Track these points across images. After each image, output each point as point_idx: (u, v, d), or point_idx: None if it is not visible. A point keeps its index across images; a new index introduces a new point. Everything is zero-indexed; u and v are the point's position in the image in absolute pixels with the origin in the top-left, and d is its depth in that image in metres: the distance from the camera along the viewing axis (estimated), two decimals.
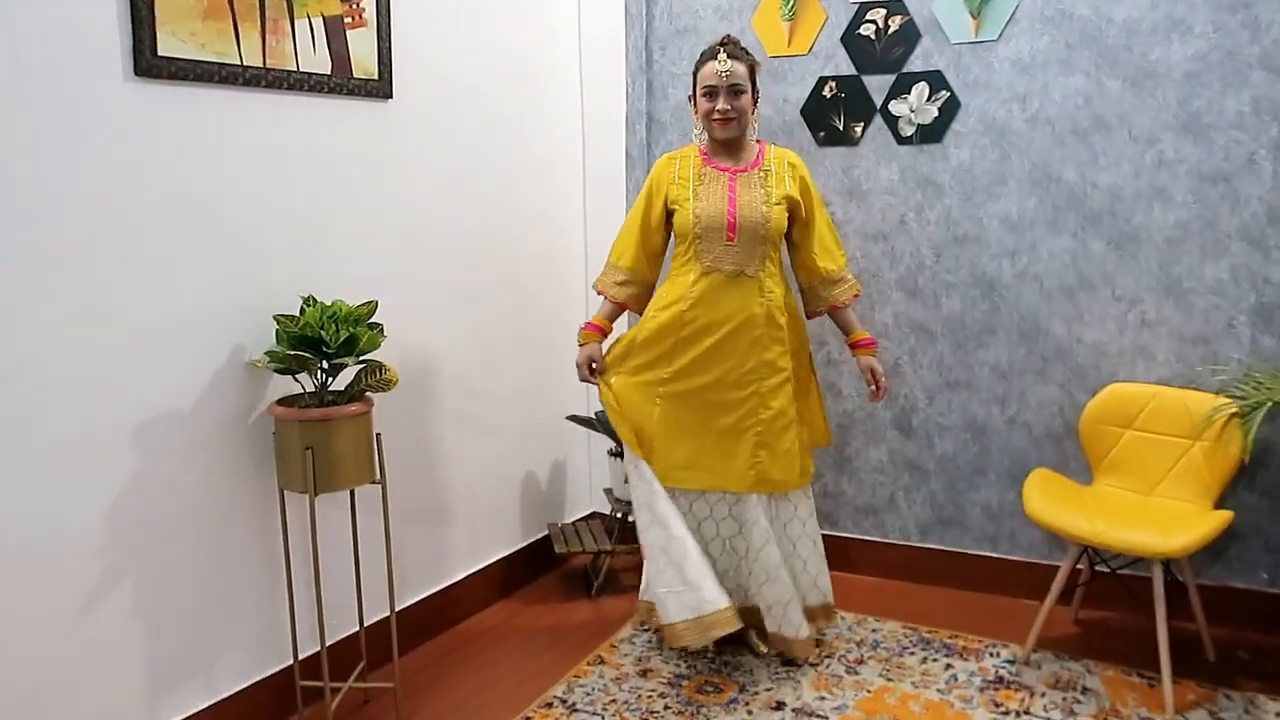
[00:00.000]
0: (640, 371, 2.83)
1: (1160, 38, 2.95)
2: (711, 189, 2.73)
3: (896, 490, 3.48)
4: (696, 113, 2.76)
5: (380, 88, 2.76)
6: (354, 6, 2.66)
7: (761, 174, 2.74)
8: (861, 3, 3.27)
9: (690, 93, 2.79)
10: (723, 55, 2.66)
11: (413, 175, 2.91)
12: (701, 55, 2.74)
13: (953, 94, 3.19)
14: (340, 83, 2.64)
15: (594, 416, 3.45)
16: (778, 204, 2.71)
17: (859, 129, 3.33)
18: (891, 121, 3.28)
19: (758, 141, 2.82)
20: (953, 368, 3.34)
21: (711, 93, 2.68)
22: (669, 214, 2.82)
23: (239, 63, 2.37)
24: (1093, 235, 3.11)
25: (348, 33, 2.65)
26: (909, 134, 3.27)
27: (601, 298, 2.95)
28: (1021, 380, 3.26)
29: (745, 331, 2.71)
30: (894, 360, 3.40)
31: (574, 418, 3.49)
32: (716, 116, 2.69)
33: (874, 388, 2.90)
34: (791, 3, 3.34)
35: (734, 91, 2.66)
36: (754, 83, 2.73)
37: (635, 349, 2.83)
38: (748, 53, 2.74)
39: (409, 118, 2.87)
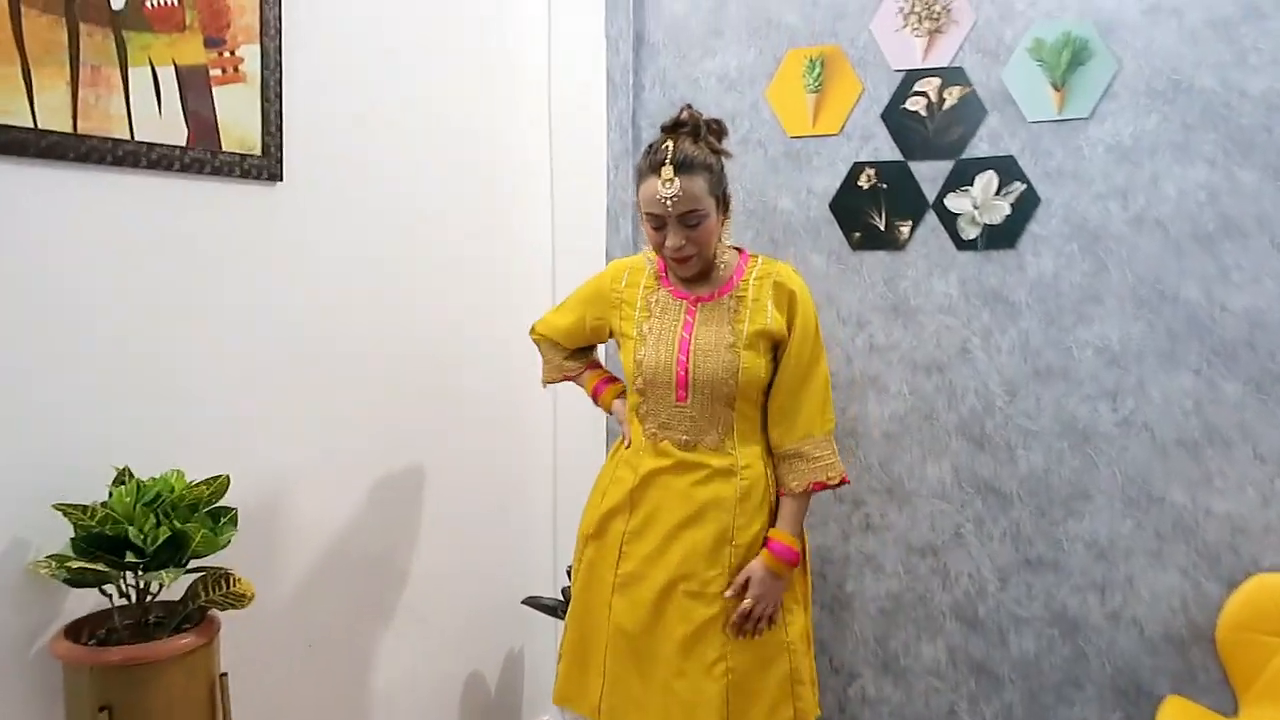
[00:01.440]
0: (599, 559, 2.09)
1: None
2: (662, 324, 1.96)
3: (958, 700, 2.62)
4: (645, 228, 1.99)
5: (263, 166, 2.00)
6: (225, 55, 1.92)
7: (733, 301, 1.96)
8: (908, 70, 2.55)
9: (636, 204, 2.02)
10: (666, 171, 1.84)
11: (308, 288, 2.13)
12: (644, 158, 1.93)
13: (1030, 186, 2.46)
14: (201, 158, 1.87)
15: (560, 597, 2.62)
16: (749, 345, 1.92)
17: (906, 229, 2.58)
18: (949, 220, 2.54)
19: (737, 250, 2.06)
20: (1034, 541, 2.52)
21: (658, 223, 1.90)
22: (610, 333, 2.13)
23: (31, 125, 1.61)
24: (1224, 374, 2.33)
25: (215, 90, 1.90)
26: (972, 236, 2.52)
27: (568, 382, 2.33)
28: (1129, 563, 2.44)
29: (708, 522, 1.94)
30: (954, 529, 2.59)
31: (533, 601, 2.65)
32: (669, 257, 1.94)
33: (738, 605, 1.93)
34: (817, 70, 2.63)
35: (686, 222, 1.87)
36: (720, 190, 1.94)
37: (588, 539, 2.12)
38: (707, 148, 1.93)
39: (305, 209, 2.11)
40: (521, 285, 2.83)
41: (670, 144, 1.89)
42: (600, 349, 2.35)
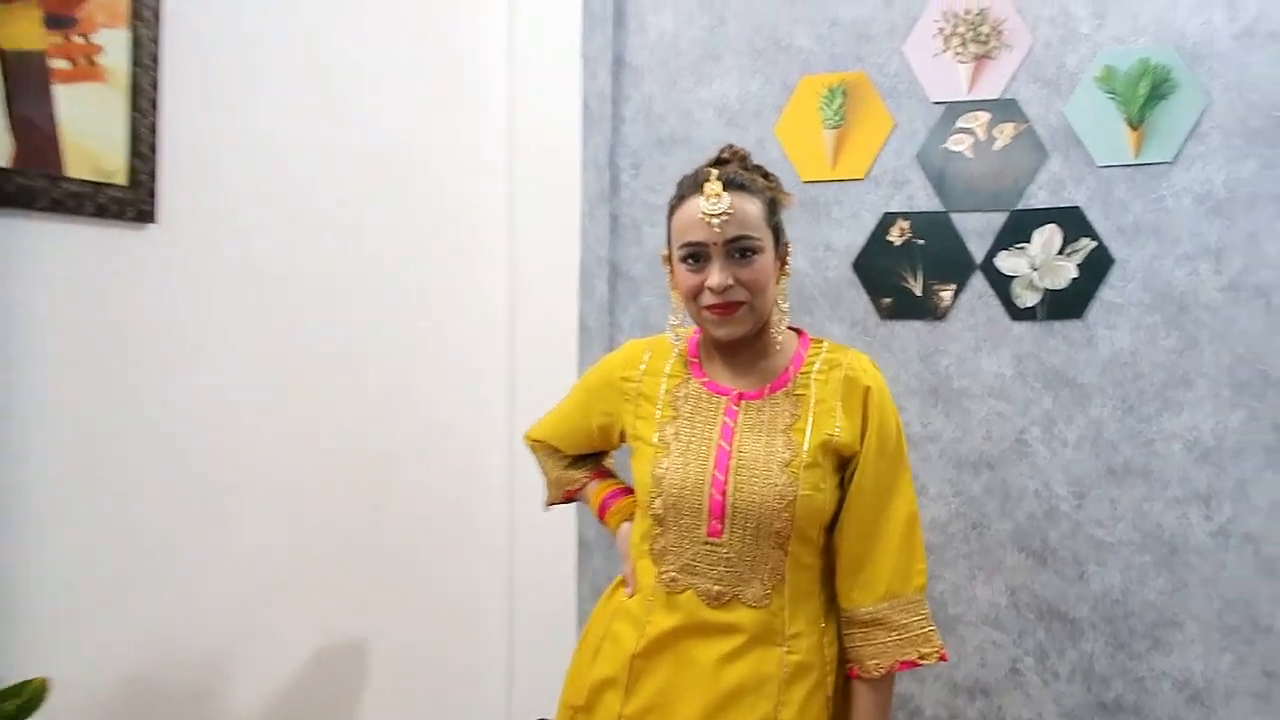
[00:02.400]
0: None
1: None
2: (692, 428, 1.43)
3: None
4: (675, 287, 1.44)
5: (129, 202, 1.45)
6: (76, 40, 1.38)
7: (790, 401, 1.43)
8: (950, 103, 2.12)
9: (665, 250, 1.48)
10: (713, 184, 1.35)
11: (190, 379, 1.57)
12: (679, 187, 1.44)
13: (1101, 244, 2.03)
14: (31, 186, 1.32)
15: None
16: (811, 464, 1.39)
17: (948, 295, 2.12)
18: (1001, 284, 2.09)
19: (796, 333, 1.51)
20: (1110, 680, 2.05)
21: (697, 255, 1.37)
22: (622, 437, 1.56)
23: None
24: None
25: (57, 89, 1.36)
26: (1030, 304, 2.07)
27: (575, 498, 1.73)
28: (1229, 707, 1.98)
29: (741, 716, 1.39)
30: (1010, 663, 2.10)
31: None
32: (710, 303, 1.38)
33: None
34: (838, 101, 2.18)
35: (740, 251, 1.36)
36: (776, 227, 1.42)
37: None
38: (763, 173, 1.45)
39: (188, 265, 1.56)
40: (471, 362, 2.29)
41: (714, 168, 1.41)
42: (615, 456, 1.76)
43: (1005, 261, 2.08)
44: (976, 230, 2.11)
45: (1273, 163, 1.94)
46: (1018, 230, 2.07)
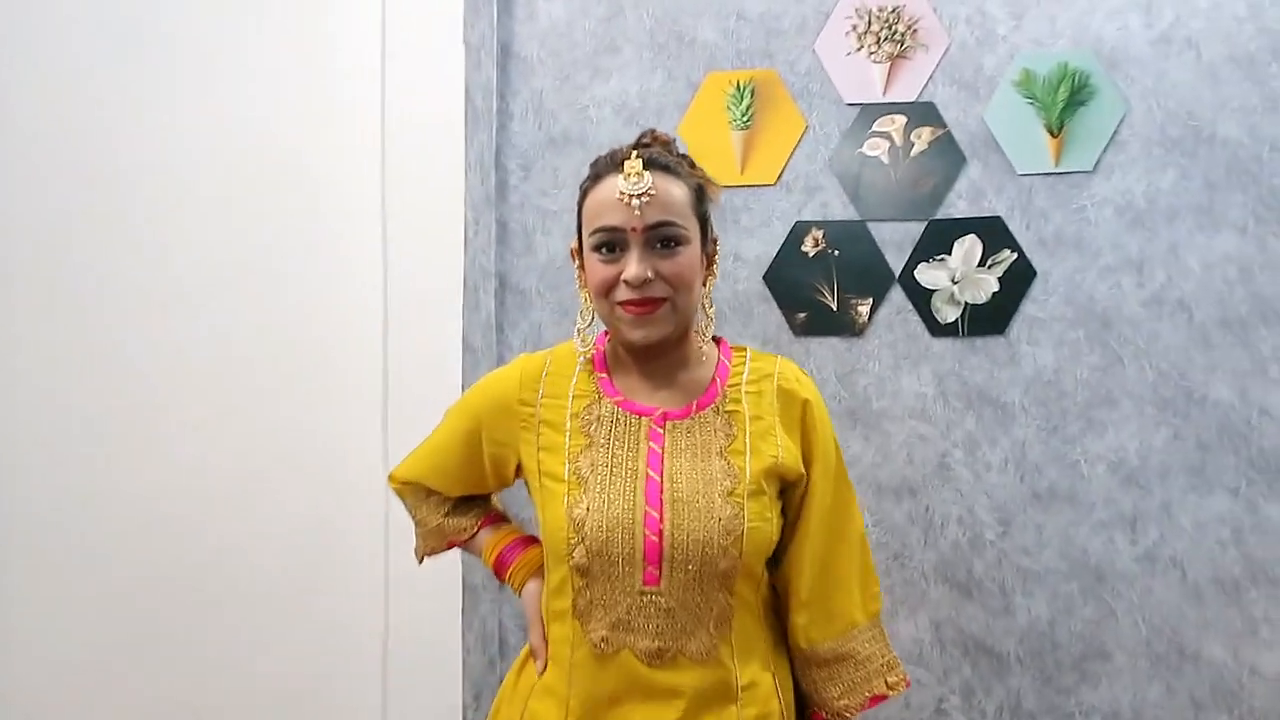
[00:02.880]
0: None
1: None
2: (611, 458, 1.22)
3: None
4: (583, 285, 1.27)
5: None
6: None
7: (721, 419, 1.24)
8: (865, 105, 1.99)
9: (573, 242, 1.30)
10: (634, 162, 1.19)
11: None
12: (593, 167, 1.27)
13: (1022, 255, 1.93)
14: None
15: None
16: (755, 490, 1.21)
17: (865, 309, 1.98)
18: (921, 298, 1.96)
19: (715, 342, 1.33)
20: (1038, 718, 1.94)
21: (612, 243, 1.19)
22: (518, 472, 1.32)
23: None
24: (1267, 493, 1.86)
25: None
26: (951, 319, 1.95)
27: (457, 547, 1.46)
28: None
29: None
30: (935, 703, 1.97)
31: None
32: (626, 299, 1.19)
33: None
34: (746, 100, 2.02)
35: (662, 240, 1.18)
36: (704, 219, 1.25)
37: None
38: (688, 162, 1.28)
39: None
40: (339, 392, 2.01)
41: (640, 145, 1.25)
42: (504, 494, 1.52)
43: (925, 274, 1.96)
44: (894, 241, 1.98)
45: (1190, 173, 1.88)
46: (937, 241, 1.95)
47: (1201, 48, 1.87)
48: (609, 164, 1.23)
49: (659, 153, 1.23)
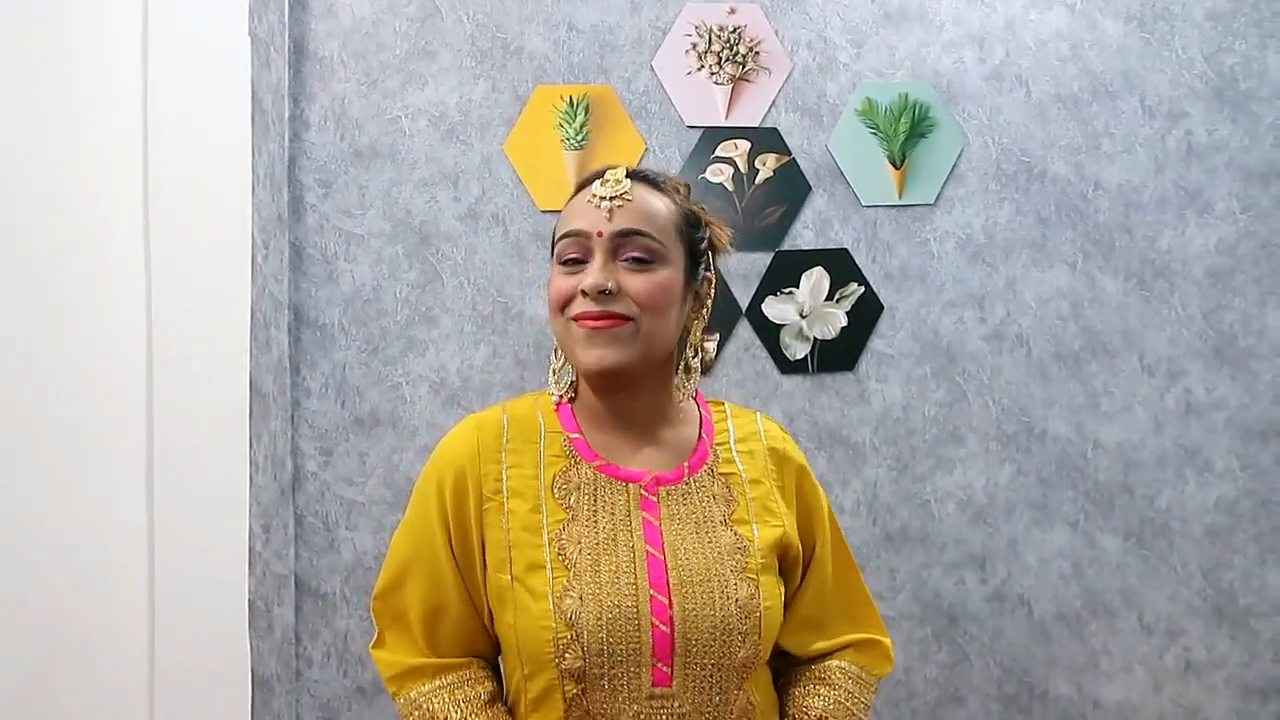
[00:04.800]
0: None
1: (1171, 217, 1.90)
2: (599, 533, 1.00)
3: None
4: (551, 311, 1.06)
5: None
6: None
7: (720, 483, 1.06)
8: (707, 128, 1.86)
9: (550, 270, 1.07)
10: (616, 170, 1.03)
11: None
12: (577, 185, 1.09)
13: (869, 289, 1.86)
14: None
15: None
16: (765, 565, 1.02)
17: (712, 346, 1.83)
18: (769, 333, 1.84)
19: (683, 395, 1.10)
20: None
21: (577, 253, 1.01)
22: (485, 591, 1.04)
23: None
24: (1102, 525, 1.88)
25: None
26: (800, 355, 1.85)
27: None
28: None
29: None
30: None
31: None
32: (581, 313, 0.99)
33: None
34: (580, 118, 1.84)
35: (634, 253, 1.00)
36: (694, 249, 1.07)
37: None
38: (684, 189, 1.10)
39: None
40: (92, 456, 1.62)
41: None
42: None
43: (773, 308, 1.85)
44: (741, 272, 1.85)
45: (1024, 208, 1.89)
46: (785, 273, 1.85)
47: (1031, 85, 1.90)
48: (592, 176, 1.05)
49: (652, 173, 1.07)
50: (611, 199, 1.00)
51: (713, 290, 1.11)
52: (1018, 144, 1.89)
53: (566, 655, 0.95)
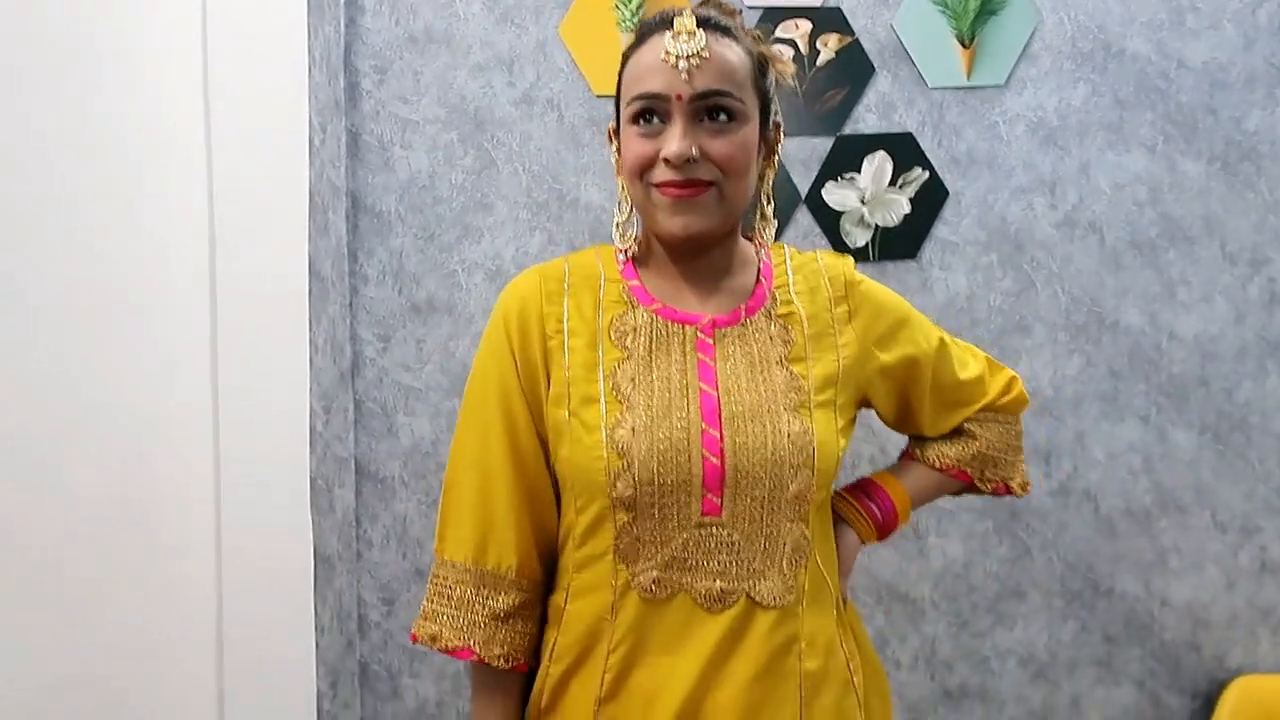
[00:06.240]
0: None
1: (1260, 96, 1.80)
2: (654, 371, 1.01)
3: None
4: (620, 170, 1.05)
5: None
6: None
7: (779, 325, 1.05)
8: (767, 8, 1.80)
9: (613, 122, 1.08)
10: (685, 19, 0.98)
11: None
12: (639, 29, 1.05)
13: (934, 175, 1.80)
14: None
15: None
16: (823, 401, 1.02)
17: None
18: (829, 220, 1.80)
19: (762, 246, 1.11)
20: (954, 665, 1.83)
21: (653, 112, 0.99)
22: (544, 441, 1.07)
23: None
24: (1175, 419, 1.81)
25: None
26: (861, 243, 1.80)
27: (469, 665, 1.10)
28: (1073, 678, 1.82)
29: None
30: None
31: None
32: (664, 180, 0.98)
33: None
34: (635, 1, 1.80)
35: (713, 111, 0.98)
36: (766, 97, 1.05)
37: None
38: (754, 35, 1.07)
39: None
40: (159, 329, 1.65)
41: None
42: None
43: (833, 194, 1.80)
44: (800, 158, 1.81)
45: (1100, 89, 1.80)
46: (846, 158, 1.80)
47: None
48: (657, 23, 1.02)
49: (717, 14, 1.03)
50: (688, 58, 0.97)
51: (781, 134, 1.09)
52: (1094, 20, 1.79)
53: (618, 484, 0.97)
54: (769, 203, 1.09)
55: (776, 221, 1.11)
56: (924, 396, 1.14)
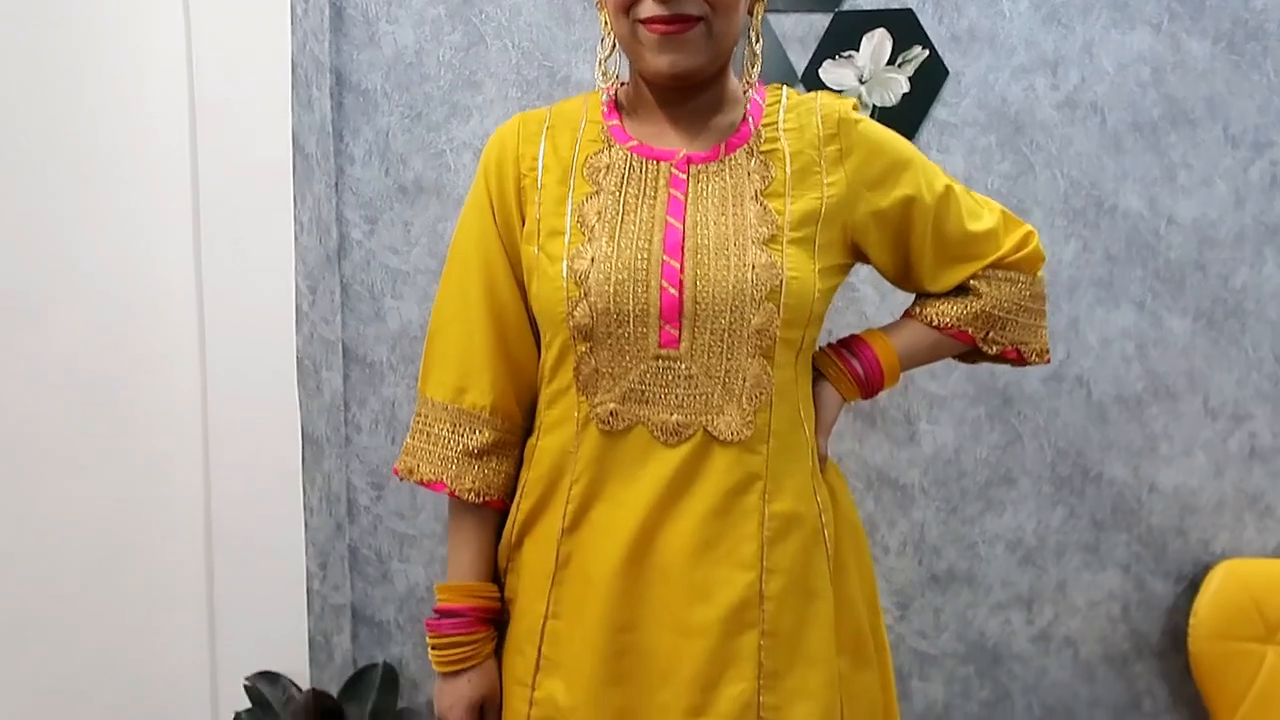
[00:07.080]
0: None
1: None
2: (622, 204, 1.00)
3: None
4: (604, 5, 1.02)
5: None
6: None
7: (759, 161, 1.02)
8: None
9: None
10: None
11: None
12: None
13: (934, 53, 1.75)
14: None
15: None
16: (797, 240, 1.00)
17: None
18: None
19: (750, 85, 1.08)
20: (942, 549, 1.84)
21: None
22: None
23: None
24: (1170, 305, 1.80)
25: None
26: None
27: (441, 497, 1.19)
28: (1061, 563, 1.84)
29: (716, 599, 0.98)
30: None
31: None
32: (651, 16, 0.95)
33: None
34: None
35: None
36: None
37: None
38: None
39: None
40: (143, 206, 1.61)
41: None
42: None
43: (830, 73, 1.75)
44: (797, 35, 1.76)
45: None
46: (844, 35, 1.75)
47: None
48: None
49: None
50: None
51: None
52: None
53: (575, 312, 0.98)
54: (758, 40, 1.06)
55: (761, 60, 1.07)
56: (924, 246, 1.11)
